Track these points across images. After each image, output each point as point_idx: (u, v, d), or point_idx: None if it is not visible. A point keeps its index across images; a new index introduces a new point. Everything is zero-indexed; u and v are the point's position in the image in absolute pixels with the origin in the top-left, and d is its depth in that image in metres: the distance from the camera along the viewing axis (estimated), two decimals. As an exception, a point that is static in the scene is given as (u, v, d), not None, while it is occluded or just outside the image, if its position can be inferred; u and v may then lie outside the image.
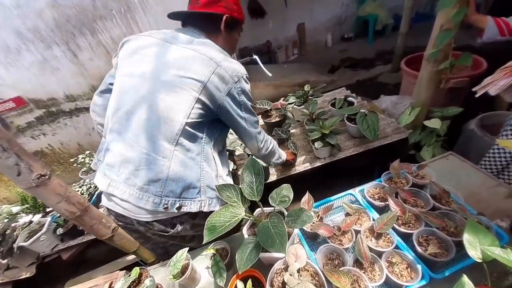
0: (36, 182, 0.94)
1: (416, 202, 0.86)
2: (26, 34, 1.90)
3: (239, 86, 0.86)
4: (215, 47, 0.89)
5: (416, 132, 1.51)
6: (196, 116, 0.82)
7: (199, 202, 0.86)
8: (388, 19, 4.17)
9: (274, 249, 0.61)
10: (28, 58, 1.97)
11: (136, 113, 0.82)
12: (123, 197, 0.84)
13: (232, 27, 0.96)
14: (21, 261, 1.63)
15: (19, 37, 1.90)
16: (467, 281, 0.48)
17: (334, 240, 0.81)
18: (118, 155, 0.85)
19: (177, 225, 0.90)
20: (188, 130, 0.82)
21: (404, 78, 2.19)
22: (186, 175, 0.83)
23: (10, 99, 2.13)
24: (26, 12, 1.82)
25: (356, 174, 1.74)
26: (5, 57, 1.96)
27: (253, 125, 0.96)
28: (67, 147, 2.50)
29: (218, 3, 0.89)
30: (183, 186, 0.83)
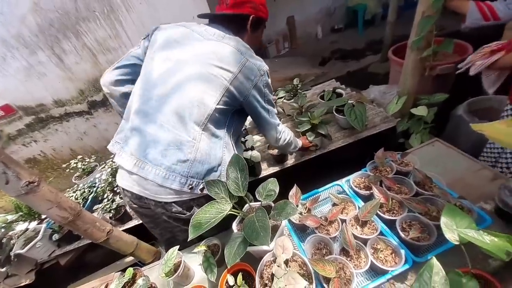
0: (25, 189, 0.95)
1: (400, 189, 0.88)
2: (10, 41, 1.87)
3: (265, 80, 0.94)
4: (243, 43, 0.94)
5: (404, 121, 1.52)
6: (223, 103, 0.88)
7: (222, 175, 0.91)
8: (377, 8, 4.16)
9: (259, 242, 0.62)
10: (14, 65, 1.95)
11: (170, 96, 0.87)
12: (148, 177, 0.86)
13: (257, 26, 1.02)
14: (19, 268, 1.64)
15: (3, 45, 1.87)
16: (435, 263, 0.49)
17: (321, 230, 0.83)
18: (147, 135, 0.88)
19: (193, 208, 0.93)
20: (216, 116, 0.88)
21: (392, 67, 2.20)
22: (211, 159, 0.89)
23: (-2, 107, 2.11)
24: (8, 19, 1.80)
25: (348, 165, 1.75)
26: (-10, 65, 1.94)
27: (273, 117, 1.04)
28: (59, 153, 2.49)
29: (246, 4, 0.94)
30: (207, 169, 0.88)
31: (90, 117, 2.29)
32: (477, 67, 1.01)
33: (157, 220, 1.06)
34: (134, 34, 1.97)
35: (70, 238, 1.54)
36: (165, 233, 1.15)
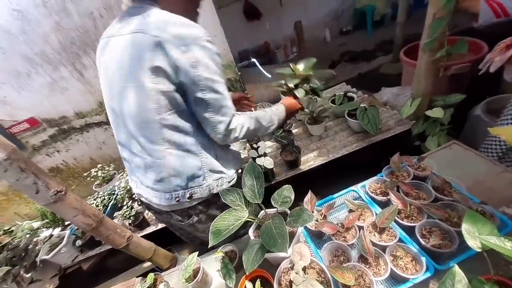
0: (53, 198, 1.01)
1: (418, 194, 0.86)
2: (34, 58, 2.00)
3: (191, 56, 0.70)
4: (160, 16, 0.72)
5: (419, 123, 1.50)
6: (167, 109, 0.76)
7: (206, 187, 0.90)
8: (385, 9, 4.11)
9: (277, 249, 0.63)
10: (38, 81, 2.07)
11: (121, 123, 0.84)
12: (145, 196, 0.94)
13: None
14: (44, 273, 1.72)
15: (28, 62, 2.00)
16: (457, 271, 0.49)
17: (338, 237, 0.83)
18: (130, 162, 0.93)
19: (192, 216, 0.95)
20: (169, 124, 0.78)
21: (405, 69, 2.17)
22: (186, 168, 0.85)
23: (24, 120, 2.25)
24: (32, 38, 1.92)
25: (362, 169, 1.73)
26: (16, 82, 2.07)
27: (218, 110, 0.78)
28: (80, 162, 2.61)
29: None
30: (186, 178, 0.86)
31: (108, 127, 2.39)
32: (496, 64, 0.99)
33: (172, 224, 1.11)
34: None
35: (92, 244, 1.61)
36: (185, 233, 1.19)
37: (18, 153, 0.93)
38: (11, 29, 1.85)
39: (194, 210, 0.94)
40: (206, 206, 0.96)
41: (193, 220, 0.97)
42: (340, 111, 1.70)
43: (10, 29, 1.84)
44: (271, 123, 0.97)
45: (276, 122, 1.00)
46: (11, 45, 1.90)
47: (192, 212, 0.95)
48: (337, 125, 1.71)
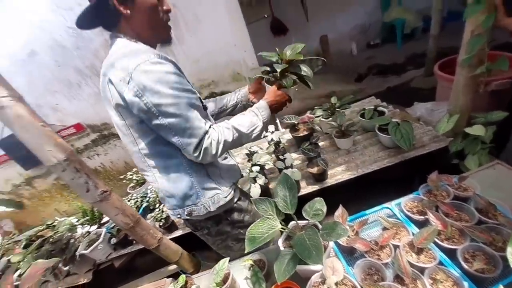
0: (100, 197, 1.11)
1: (460, 216, 0.82)
2: (85, 70, 2.24)
3: (134, 85, 0.67)
4: (114, 51, 0.74)
5: (457, 140, 1.42)
6: (141, 139, 0.79)
7: (201, 205, 0.92)
8: (416, 22, 4.01)
9: (311, 261, 0.64)
10: (87, 91, 2.31)
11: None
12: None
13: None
14: (80, 268, 1.85)
15: (79, 74, 2.25)
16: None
17: (371, 255, 0.81)
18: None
19: (203, 229, 1.02)
20: (149, 153, 0.81)
21: (439, 83, 2.08)
22: (178, 189, 0.88)
23: (71, 125, 2.50)
24: (84, 53, 2.17)
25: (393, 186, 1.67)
26: (68, 91, 2.33)
27: (183, 133, 0.73)
28: (116, 165, 2.82)
29: None
30: (180, 198, 0.90)
31: (143, 134, 2.57)
32: None
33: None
34: (182, 61, 2.22)
35: (125, 242, 1.71)
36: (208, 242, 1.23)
37: (74, 155, 1.05)
38: (66, 45, 2.11)
39: (204, 223, 0.99)
40: (216, 222, 1.00)
41: (203, 232, 1.03)
42: (370, 126, 1.67)
43: (65, 44, 2.10)
44: (253, 127, 0.86)
45: (259, 123, 0.88)
46: (65, 58, 2.16)
47: (203, 225, 1.00)
48: (366, 139, 1.68)
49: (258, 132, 0.88)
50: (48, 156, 0.95)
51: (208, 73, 2.30)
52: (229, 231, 1.04)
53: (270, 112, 0.93)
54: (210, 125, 0.79)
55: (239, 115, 0.89)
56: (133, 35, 0.76)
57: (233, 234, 1.06)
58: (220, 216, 1.00)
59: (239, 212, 1.04)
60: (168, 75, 0.70)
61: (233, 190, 1.00)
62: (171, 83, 0.70)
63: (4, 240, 2.28)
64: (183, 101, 0.71)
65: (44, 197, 3.04)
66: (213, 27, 2.05)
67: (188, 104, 0.73)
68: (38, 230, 2.10)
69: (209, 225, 1.01)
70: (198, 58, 2.20)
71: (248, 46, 2.20)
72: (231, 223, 1.03)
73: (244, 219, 1.05)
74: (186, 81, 0.77)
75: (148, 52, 0.70)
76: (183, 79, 0.75)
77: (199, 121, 0.75)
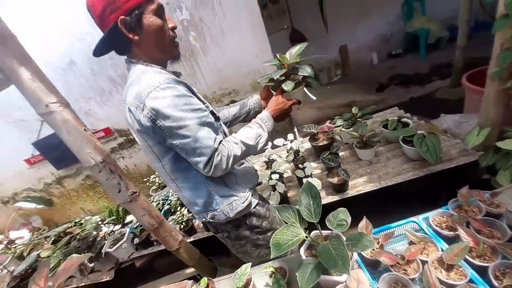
0: (130, 198, 1.18)
1: (492, 233, 0.79)
2: (117, 79, 2.41)
3: (147, 112, 0.73)
4: (131, 78, 0.80)
5: (488, 155, 1.35)
6: (162, 156, 0.86)
7: (220, 211, 0.97)
8: (441, 31, 3.90)
9: (337, 270, 0.64)
10: (117, 97, 2.47)
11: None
12: None
13: (137, 23, 0.75)
14: (104, 265, 1.93)
15: (111, 82, 2.41)
16: None
17: (398, 269, 0.79)
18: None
19: (223, 232, 1.07)
20: (170, 167, 0.89)
21: (468, 95, 2.01)
22: (198, 198, 0.96)
23: (101, 129, 2.67)
24: (117, 63, 2.33)
25: (418, 200, 1.61)
26: (100, 98, 2.50)
27: (193, 152, 0.79)
28: (138, 168, 2.95)
29: (104, 13, 0.73)
30: (202, 204, 0.97)
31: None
32: None
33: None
34: (206, 72, 2.32)
35: (146, 243, 1.77)
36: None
37: (110, 158, 1.13)
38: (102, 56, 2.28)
39: (225, 227, 1.05)
40: (235, 226, 1.04)
41: (224, 234, 1.08)
42: (393, 137, 1.64)
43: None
44: (259, 138, 0.91)
45: (265, 134, 0.93)
46: (100, 68, 2.34)
47: (224, 228, 1.05)
48: (389, 151, 1.65)
49: (264, 142, 0.93)
50: (88, 157, 1.03)
51: (230, 82, 2.39)
52: (248, 236, 1.07)
53: (273, 122, 0.98)
54: (220, 141, 0.83)
55: (245, 127, 0.94)
56: (145, 58, 0.83)
57: (251, 239, 1.08)
58: (239, 220, 1.03)
59: (258, 218, 1.06)
60: (177, 98, 0.75)
61: (251, 195, 1.03)
62: (181, 106, 0.75)
63: (34, 235, 2.45)
64: (192, 122, 0.77)
65: (72, 196, 3.24)
66: (236, 39, 2.14)
67: (198, 124, 0.78)
68: (67, 227, 2.24)
69: (229, 228, 1.05)
70: (221, 68, 2.29)
71: (269, 57, 2.26)
72: (250, 228, 1.05)
73: (262, 224, 1.07)
74: (195, 101, 0.81)
75: (158, 78, 0.75)
76: (192, 99, 0.80)
77: (209, 139, 0.79)
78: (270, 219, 1.10)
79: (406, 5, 4.07)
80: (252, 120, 0.96)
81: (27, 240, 2.38)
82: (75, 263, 0.95)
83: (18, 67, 0.83)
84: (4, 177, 3.01)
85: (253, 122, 0.95)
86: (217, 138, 0.83)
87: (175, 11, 2.02)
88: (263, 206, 1.09)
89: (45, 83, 0.91)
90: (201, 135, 0.78)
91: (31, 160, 2.85)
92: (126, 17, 0.73)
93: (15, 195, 3.18)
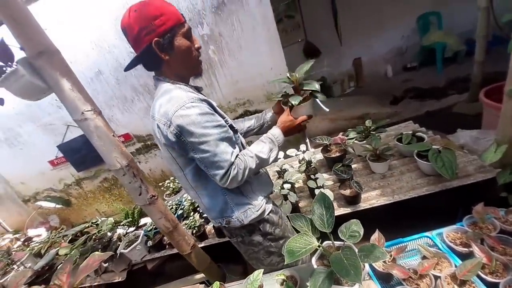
0: (149, 200, 1.24)
1: (505, 250, 0.78)
2: (139, 88, 2.55)
3: (173, 129, 0.81)
4: (159, 96, 0.87)
5: (506, 172, 1.32)
6: (185, 167, 0.95)
7: (235, 218, 1.03)
8: (459, 45, 3.86)
9: (349, 279, 0.66)
10: (138, 105, 2.61)
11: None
12: None
13: (169, 44, 0.83)
14: (118, 266, 1.99)
15: (133, 91, 2.56)
16: None
17: (410, 284, 0.79)
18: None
19: (237, 236, 1.11)
20: (191, 177, 0.97)
21: (486, 110, 1.97)
22: (216, 205, 1.03)
23: (121, 135, 2.81)
24: (140, 73, 2.48)
25: (432, 216, 1.57)
26: (123, 105, 2.65)
27: (211, 165, 0.86)
28: (153, 173, 3.05)
29: (140, 35, 0.80)
30: (218, 211, 1.03)
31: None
32: None
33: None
34: (223, 83, 2.42)
35: (159, 246, 1.82)
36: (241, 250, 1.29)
37: (134, 162, 1.21)
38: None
39: (239, 232, 1.09)
40: (249, 232, 1.08)
41: (238, 239, 1.12)
42: (408, 151, 1.63)
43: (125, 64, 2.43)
44: (271, 151, 1.00)
45: (275, 148, 1.02)
46: (124, 77, 2.49)
47: (238, 233, 1.10)
48: (404, 165, 1.64)
49: (275, 156, 1.02)
50: (114, 161, 1.11)
51: (245, 93, 2.47)
52: (261, 242, 1.10)
53: (283, 137, 1.06)
54: (237, 155, 0.90)
55: (259, 142, 1.01)
56: (172, 76, 0.91)
57: (264, 246, 1.11)
58: (253, 226, 1.07)
59: (271, 225, 1.10)
60: (200, 116, 0.82)
61: (265, 203, 1.07)
62: (203, 123, 0.82)
63: (52, 233, 2.56)
64: (212, 138, 0.84)
65: (89, 198, 3.38)
66: (252, 53, 2.24)
67: (218, 139, 0.85)
68: (84, 227, 2.34)
69: (243, 233, 1.10)
70: (237, 80, 2.38)
71: (283, 69, 2.33)
72: (263, 234, 1.09)
73: (274, 232, 1.11)
74: (217, 118, 0.88)
75: (184, 97, 0.82)
76: (214, 116, 0.87)
77: (226, 154, 0.86)
78: (283, 227, 1.14)
79: (422, 19, 4.08)
80: (264, 135, 1.04)
81: (45, 238, 2.49)
82: (97, 260, 1.01)
83: (60, 78, 0.94)
84: (28, 177, 3.20)
85: (266, 137, 1.03)
86: (234, 152, 0.89)
87: (197, 27, 2.15)
88: (277, 214, 1.13)
89: (83, 93, 1.01)
90: (220, 150, 0.85)
91: (54, 162, 3.03)
92: (160, 39, 0.81)
93: (36, 194, 3.36)
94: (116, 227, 2.31)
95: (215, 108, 0.92)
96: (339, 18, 4.20)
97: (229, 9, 2.08)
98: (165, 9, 0.81)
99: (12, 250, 2.41)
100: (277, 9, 4.16)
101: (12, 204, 3.45)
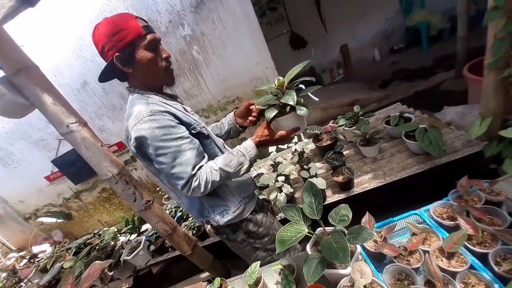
0: (144, 206, 1.26)
1: (492, 220, 0.80)
2: (126, 95, 2.53)
3: (133, 142, 0.84)
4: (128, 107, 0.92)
5: (492, 144, 1.35)
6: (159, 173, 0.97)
7: (212, 219, 1.07)
8: (443, 23, 3.86)
9: (338, 261, 0.68)
10: (128, 112, 2.60)
11: None
12: None
13: (130, 58, 0.84)
14: (123, 273, 2.02)
15: (121, 98, 2.54)
16: None
17: (401, 260, 0.82)
18: None
19: (222, 234, 1.15)
20: (167, 181, 0.98)
21: (471, 86, 2.00)
22: (194, 207, 1.08)
23: (114, 143, 2.80)
24: (127, 79, 2.46)
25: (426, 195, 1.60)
26: (112, 114, 2.63)
27: (171, 176, 0.88)
28: (151, 179, 3.06)
29: (103, 51, 0.84)
30: (197, 211, 1.08)
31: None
32: None
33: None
34: (210, 82, 2.42)
35: (162, 250, 1.85)
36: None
37: (125, 170, 1.22)
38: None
39: (224, 230, 1.13)
40: (232, 230, 1.12)
41: (223, 236, 1.17)
42: (396, 133, 1.66)
43: (113, 74, 2.41)
44: (240, 166, 0.94)
45: (246, 162, 0.95)
46: (111, 86, 2.47)
47: (223, 231, 1.14)
48: (393, 146, 1.66)
49: (246, 170, 0.97)
50: (105, 171, 1.12)
51: (233, 91, 2.47)
52: (244, 239, 1.14)
53: (257, 151, 0.98)
54: (200, 166, 0.88)
55: (228, 154, 0.96)
56: (140, 86, 0.93)
57: (248, 242, 1.15)
58: (237, 225, 1.11)
59: (254, 224, 1.13)
60: (158, 130, 0.82)
61: (243, 204, 1.08)
62: (160, 136, 0.82)
63: (56, 248, 2.58)
64: (170, 150, 0.84)
65: (89, 209, 3.38)
66: (237, 49, 2.23)
67: (177, 151, 0.84)
68: (87, 239, 2.35)
69: (227, 231, 1.14)
70: (224, 78, 2.38)
71: (269, 63, 2.33)
72: (246, 232, 1.13)
73: (258, 230, 1.14)
74: (177, 129, 0.86)
75: (143, 111, 0.83)
76: (174, 128, 0.85)
77: (187, 165, 0.85)
78: (267, 225, 1.16)
79: (404, 0, 4.07)
80: (236, 148, 0.99)
81: (49, 253, 2.51)
82: (98, 269, 1.03)
83: (41, 93, 0.94)
84: (26, 194, 3.19)
85: (237, 150, 0.97)
86: (197, 163, 0.88)
87: (178, 28, 2.13)
88: (260, 213, 1.15)
89: (66, 106, 1.01)
90: (179, 161, 0.85)
91: (50, 177, 3.02)
92: (120, 53, 0.83)
93: (36, 211, 3.36)
94: (118, 235, 2.33)
95: (179, 119, 0.89)
96: (322, 6, 4.18)
97: (208, 7, 2.06)
98: (124, 25, 0.82)
99: (18, 268, 2.42)
100: (259, 3, 4.12)
101: (13, 223, 3.45)
